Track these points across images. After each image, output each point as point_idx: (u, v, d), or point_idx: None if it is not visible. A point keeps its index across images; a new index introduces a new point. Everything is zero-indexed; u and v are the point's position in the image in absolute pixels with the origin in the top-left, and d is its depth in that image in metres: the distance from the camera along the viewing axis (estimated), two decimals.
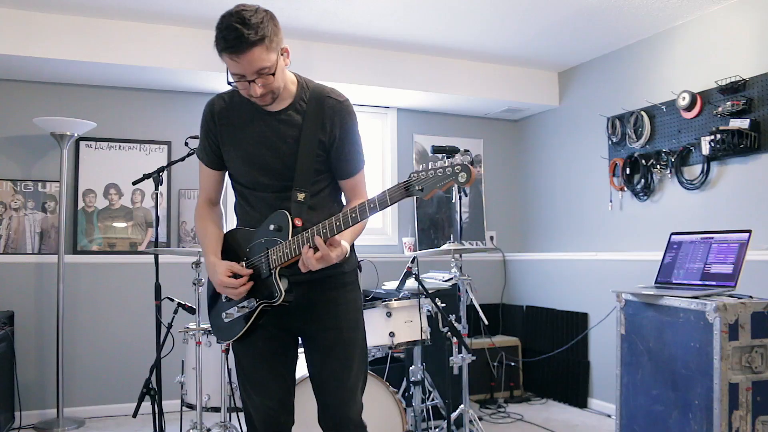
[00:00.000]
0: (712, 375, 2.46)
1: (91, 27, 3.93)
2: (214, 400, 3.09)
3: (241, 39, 1.63)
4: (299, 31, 4.22)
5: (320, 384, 1.92)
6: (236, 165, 1.89)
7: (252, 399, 1.91)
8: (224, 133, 1.88)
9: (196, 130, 2.13)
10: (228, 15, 1.68)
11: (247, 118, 1.86)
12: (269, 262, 1.77)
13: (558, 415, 4.32)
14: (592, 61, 4.76)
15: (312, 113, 1.83)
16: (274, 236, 1.78)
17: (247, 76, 1.70)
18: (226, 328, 1.89)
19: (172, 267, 3.96)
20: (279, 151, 1.83)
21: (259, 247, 1.81)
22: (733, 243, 2.74)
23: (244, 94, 1.76)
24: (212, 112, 1.91)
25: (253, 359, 1.90)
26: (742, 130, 3.40)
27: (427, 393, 3.59)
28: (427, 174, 1.58)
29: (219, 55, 1.72)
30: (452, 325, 3.14)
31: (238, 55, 1.65)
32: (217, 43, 1.69)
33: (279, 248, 1.75)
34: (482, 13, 3.94)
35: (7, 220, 4.21)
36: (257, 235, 1.84)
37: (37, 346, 4.18)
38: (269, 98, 1.77)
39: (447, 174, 1.56)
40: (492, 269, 5.43)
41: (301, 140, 1.81)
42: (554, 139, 5.15)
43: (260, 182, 1.86)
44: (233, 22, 1.64)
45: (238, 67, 1.68)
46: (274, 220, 1.80)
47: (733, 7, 3.65)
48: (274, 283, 1.76)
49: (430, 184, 1.57)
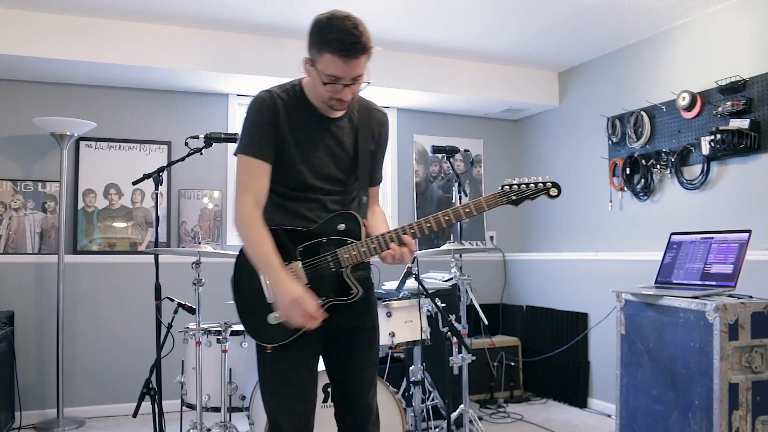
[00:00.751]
0: (712, 375, 2.46)
1: (91, 27, 3.93)
2: (214, 400, 3.09)
3: (357, 44, 1.70)
4: (299, 31, 4.21)
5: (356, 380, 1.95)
6: (289, 165, 1.85)
7: (287, 404, 1.83)
8: (286, 131, 1.85)
9: (196, 130, 2.12)
10: (340, 18, 1.71)
11: (307, 121, 1.87)
12: (340, 261, 1.81)
13: (558, 415, 4.32)
14: (592, 61, 4.76)
15: (364, 124, 1.94)
16: (342, 236, 1.82)
17: (344, 79, 1.74)
18: (272, 329, 1.80)
19: (172, 267, 3.96)
20: (335, 157, 1.88)
21: (320, 246, 1.82)
22: (733, 243, 2.74)
23: (327, 96, 1.79)
24: (277, 105, 1.84)
25: (294, 361, 1.85)
26: (742, 130, 3.40)
27: (427, 393, 3.59)
28: (520, 186, 1.84)
29: (318, 53, 1.74)
30: (452, 325, 3.14)
31: (350, 59, 1.71)
32: (329, 44, 1.70)
33: (352, 247, 1.80)
34: (482, 13, 3.94)
35: (7, 220, 4.21)
36: (313, 234, 1.83)
37: (37, 346, 4.18)
38: (347, 104, 1.83)
39: (539, 188, 1.86)
40: (492, 269, 5.43)
41: (359, 148, 1.91)
42: (554, 139, 5.16)
43: (310, 185, 1.86)
44: (350, 27, 1.69)
45: (342, 69, 1.72)
46: (340, 220, 1.84)
47: (733, 7, 3.65)
48: (348, 280, 1.82)
49: (523, 196, 1.85)
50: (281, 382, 1.85)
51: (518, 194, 1.83)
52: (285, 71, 4.35)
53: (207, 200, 4.66)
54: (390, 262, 1.80)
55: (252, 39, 4.28)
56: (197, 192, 4.64)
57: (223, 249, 4.59)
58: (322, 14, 1.77)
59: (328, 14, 1.75)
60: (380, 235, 1.80)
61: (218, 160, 4.67)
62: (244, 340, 3.15)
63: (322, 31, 1.72)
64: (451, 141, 4.93)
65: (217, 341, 3.04)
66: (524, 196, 1.83)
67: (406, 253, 1.78)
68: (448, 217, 1.78)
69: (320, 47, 1.73)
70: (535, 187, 1.84)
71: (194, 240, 4.56)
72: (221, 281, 4.36)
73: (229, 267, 1.74)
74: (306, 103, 1.86)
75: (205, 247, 3.09)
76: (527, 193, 1.83)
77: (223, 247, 4.63)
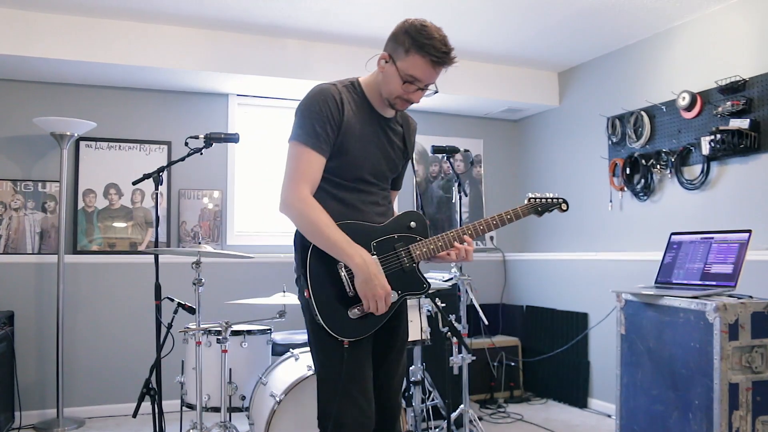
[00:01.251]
0: (712, 375, 2.46)
1: (91, 27, 3.93)
2: (214, 400, 3.09)
3: (448, 56, 1.86)
4: (299, 31, 4.22)
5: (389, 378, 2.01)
6: (349, 159, 1.90)
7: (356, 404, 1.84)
8: (349, 125, 1.89)
9: (196, 130, 2.14)
10: (434, 28, 1.85)
11: (368, 118, 1.95)
12: (413, 257, 1.91)
13: (558, 415, 4.32)
14: (592, 61, 4.76)
15: (406, 128, 2.09)
16: (412, 233, 1.95)
17: (422, 83, 1.87)
18: (353, 324, 1.83)
19: (172, 267, 3.96)
20: (387, 155, 1.99)
21: (392, 242, 1.91)
22: (733, 243, 2.74)
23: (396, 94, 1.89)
24: (340, 100, 1.88)
25: (365, 361, 1.88)
26: (742, 130, 3.40)
27: (427, 393, 3.59)
28: (542, 201, 2.19)
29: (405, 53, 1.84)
30: (452, 325, 3.14)
31: (438, 67, 1.86)
32: (423, 47, 1.82)
33: (423, 244, 1.93)
34: (482, 13, 3.94)
35: (7, 220, 4.21)
36: (383, 230, 1.92)
37: (37, 346, 4.18)
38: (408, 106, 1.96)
39: (556, 202, 2.22)
40: (492, 269, 5.43)
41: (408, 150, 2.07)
42: (554, 139, 5.15)
43: (364, 179, 1.94)
44: (444, 38, 1.85)
45: (427, 74, 1.86)
46: (409, 218, 1.96)
47: (733, 7, 3.65)
48: (419, 275, 1.93)
49: (545, 207, 2.20)
50: (351, 380, 1.84)
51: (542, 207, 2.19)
52: (285, 71, 4.36)
53: (207, 200, 4.66)
54: (454, 259, 1.97)
55: (252, 39, 4.28)
56: (197, 192, 4.64)
57: (223, 249, 4.59)
58: (412, 19, 1.88)
59: (420, 20, 1.86)
60: (444, 234, 1.95)
61: (218, 160, 4.67)
62: (244, 340, 3.15)
63: (419, 34, 1.82)
64: (451, 141, 4.93)
65: (217, 341, 3.04)
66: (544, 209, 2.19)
67: (470, 251, 1.96)
68: (495, 222, 2.03)
69: (411, 48, 1.83)
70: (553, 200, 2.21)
71: (194, 240, 4.56)
72: (221, 281, 4.39)
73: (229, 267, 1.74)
74: (366, 101, 1.95)
75: (205, 247, 3.09)
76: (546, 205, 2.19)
77: (223, 247, 4.63)
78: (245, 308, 3.25)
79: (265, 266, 4.54)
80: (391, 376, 2.01)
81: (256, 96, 4.81)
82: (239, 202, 4.78)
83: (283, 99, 4.84)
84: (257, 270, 4.54)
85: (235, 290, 4.28)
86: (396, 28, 1.90)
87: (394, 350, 2.02)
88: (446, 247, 1.94)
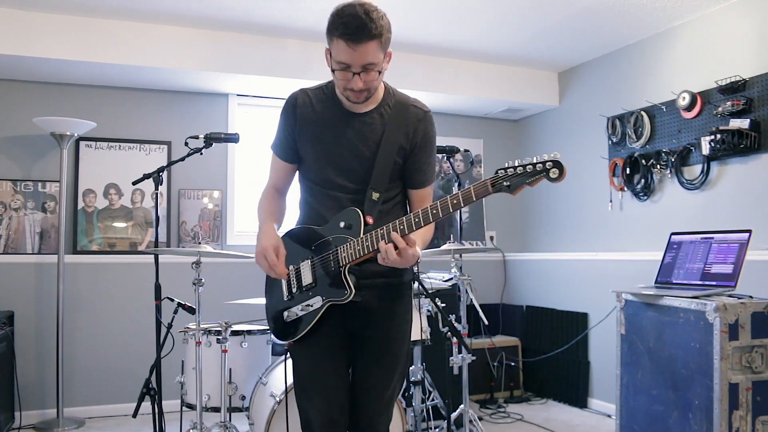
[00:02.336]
0: (712, 375, 2.46)
1: (91, 27, 3.93)
2: (214, 400, 3.09)
3: (363, 29, 1.67)
4: (299, 31, 4.22)
5: (360, 390, 1.90)
6: (311, 162, 1.90)
7: (313, 402, 1.85)
8: (304, 128, 1.89)
9: (196, 130, 2.15)
10: (351, 5, 1.71)
11: (330, 117, 1.88)
12: (338, 260, 1.77)
13: (558, 415, 4.32)
14: (592, 61, 4.75)
15: (395, 119, 1.86)
16: (343, 234, 1.79)
17: (353, 67, 1.72)
18: (287, 326, 1.89)
19: (172, 267, 3.96)
20: (359, 153, 1.85)
21: (327, 245, 1.82)
22: (733, 243, 2.74)
23: (341, 85, 1.78)
24: (294, 105, 1.91)
25: (315, 360, 1.87)
26: (742, 130, 3.40)
27: (427, 393, 3.59)
28: (515, 170, 1.54)
29: (329, 39, 1.75)
30: (452, 325, 3.14)
31: (355, 44, 1.68)
32: (335, 28, 1.71)
33: (349, 245, 1.75)
34: (482, 13, 3.94)
35: (7, 220, 4.21)
36: (324, 232, 1.85)
37: (37, 346, 4.18)
38: (364, 96, 1.79)
39: (537, 170, 1.53)
40: (492, 269, 5.43)
41: (382, 143, 1.84)
42: (554, 139, 5.15)
43: (334, 181, 1.87)
44: (359, 12, 1.68)
45: (350, 56, 1.70)
46: (344, 217, 1.81)
47: (733, 7, 3.65)
48: (343, 280, 1.76)
49: (518, 180, 1.54)
50: (305, 380, 1.88)
51: (510, 180, 1.54)
52: (285, 71, 4.36)
53: (207, 200, 4.66)
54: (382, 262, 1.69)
55: (252, 39, 4.28)
56: (197, 192, 4.64)
57: (223, 249, 4.59)
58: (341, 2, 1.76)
59: (346, 2, 1.74)
60: (373, 232, 1.71)
61: (218, 160, 4.67)
62: (244, 340, 3.15)
63: (335, 17, 1.72)
64: (451, 141, 4.91)
65: (217, 341, 3.04)
66: (518, 183, 1.54)
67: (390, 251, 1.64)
68: (435, 210, 1.63)
69: (331, 33, 1.73)
70: (533, 168, 1.53)
71: (194, 240, 4.56)
72: (221, 281, 4.39)
73: (229, 267, 1.75)
74: (334, 99, 1.88)
75: (205, 247, 3.09)
76: (519, 178, 1.53)
77: (223, 247, 4.62)
78: (245, 308, 3.25)
79: None
80: (362, 388, 1.90)
81: (256, 96, 4.81)
82: (239, 202, 4.78)
83: (283, 99, 4.79)
84: (257, 270, 4.47)
85: (235, 290, 4.27)
86: None
87: (362, 360, 1.89)
88: (372, 247, 1.70)
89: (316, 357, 1.86)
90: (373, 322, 1.88)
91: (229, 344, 3.01)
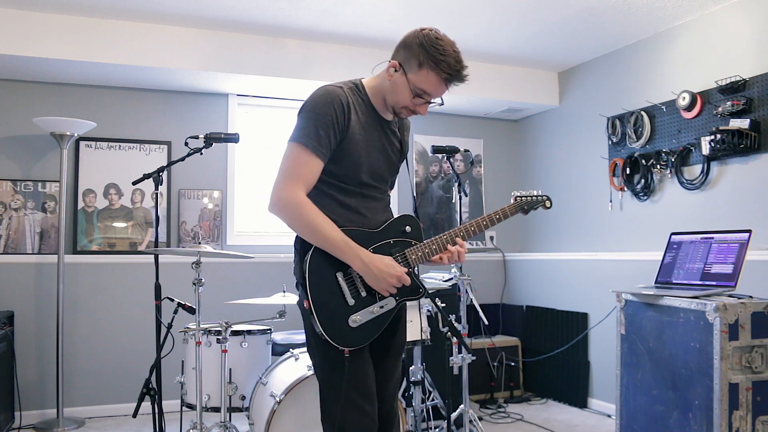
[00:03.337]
0: (712, 375, 2.46)
1: (91, 27, 3.93)
2: (214, 400, 3.09)
3: (462, 73, 1.84)
4: (299, 31, 4.22)
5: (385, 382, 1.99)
6: (349, 162, 1.88)
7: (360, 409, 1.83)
8: (352, 129, 1.87)
9: (196, 130, 2.13)
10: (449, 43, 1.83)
11: (369, 122, 1.94)
12: (409, 262, 1.91)
13: (558, 415, 4.32)
14: (592, 61, 4.76)
15: (401, 128, 2.06)
16: (406, 237, 1.94)
17: (432, 97, 1.88)
18: (354, 333, 1.82)
19: (172, 267, 3.96)
20: (388, 158, 1.99)
21: (389, 248, 1.90)
22: (733, 243, 2.74)
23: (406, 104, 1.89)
24: (347, 104, 1.85)
25: (366, 366, 1.87)
26: (742, 130, 3.40)
27: (427, 393, 3.59)
28: (530, 198, 2.16)
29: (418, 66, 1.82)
30: (452, 325, 3.12)
31: (451, 84, 1.86)
32: (437, 63, 1.80)
33: (418, 248, 1.93)
34: (482, 13, 3.94)
35: (7, 220, 4.21)
36: (381, 235, 1.91)
37: (37, 346, 4.18)
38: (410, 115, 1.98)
39: (540, 200, 2.18)
40: (492, 269, 5.43)
41: (404, 150, 2.06)
42: (554, 139, 5.15)
43: (366, 183, 1.93)
44: (459, 55, 1.83)
45: (438, 89, 1.85)
46: (404, 222, 1.95)
47: (733, 7, 3.65)
48: (415, 280, 1.90)
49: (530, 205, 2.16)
50: (355, 387, 1.83)
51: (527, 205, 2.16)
52: (285, 71, 4.36)
53: (207, 200, 4.66)
54: (446, 262, 1.96)
55: (252, 39, 4.28)
56: (197, 192, 4.64)
57: (223, 249, 4.59)
58: (426, 29, 1.84)
59: (435, 32, 1.83)
60: (438, 237, 1.95)
61: (218, 160, 4.67)
62: (244, 340, 3.15)
63: (433, 49, 1.80)
64: (451, 141, 4.93)
65: (217, 341, 3.04)
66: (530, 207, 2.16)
67: (462, 253, 1.95)
68: (485, 222, 2.02)
69: (424, 62, 1.81)
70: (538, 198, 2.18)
71: (194, 240, 4.56)
72: (221, 281, 4.39)
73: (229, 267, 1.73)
74: (369, 104, 1.94)
75: (205, 247, 3.09)
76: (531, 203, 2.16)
77: (223, 247, 4.62)
78: (245, 308, 3.25)
79: (265, 266, 4.54)
80: (387, 380, 2.00)
81: (256, 96, 4.81)
82: (239, 202, 4.78)
83: (283, 99, 4.84)
84: (257, 270, 4.54)
85: (235, 290, 4.28)
86: (408, 36, 1.85)
87: (390, 354, 2.00)
88: (440, 250, 1.95)
89: (367, 364, 1.88)
90: (397, 317, 1.99)
91: (229, 344, 3.01)
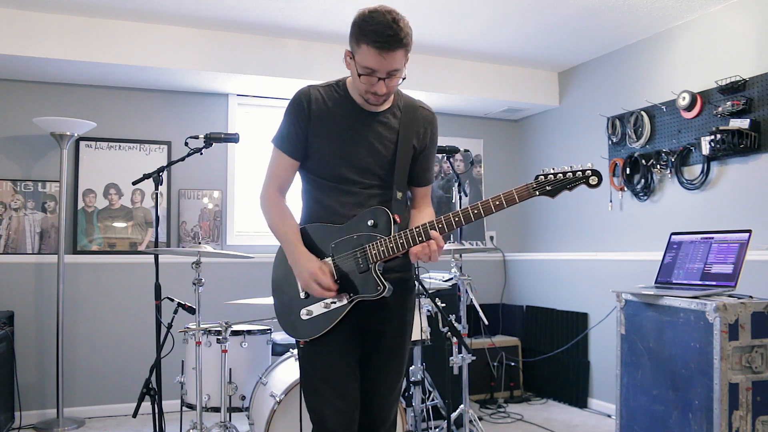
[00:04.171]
0: (712, 375, 2.46)
1: (91, 27, 3.93)
2: (214, 400, 3.09)
3: (394, 38, 1.72)
4: (299, 31, 4.22)
5: (375, 385, 1.93)
6: (324, 158, 1.89)
7: (329, 402, 1.84)
8: (318, 124, 1.88)
9: (196, 130, 2.13)
10: (379, 11, 1.74)
11: (345, 115, 1.89)
12: (368, 257, 1.80)
13: (558, 415, 4.32)
14: (592, 61, 4.76)
15: (408, 120, 1.94)
16: (371, 232, 1.81)
17: (379, 73, 1.76)
18: (304, 325, 1.86)
19: (172, 267, 3.96)
20: (374, 151, 1.89)
21: (350, 243, 1.83)
22: (733, 243, 2.74)
23: (363, 89, 1.82)
24: (308, 101, 1.89)
25: (332, 358, 1.86)
26: (742, 130, 3.40)
27: (427, 393, 3.59)
28: (555, 176, 1.71)
29: (355, 44, 1.78)
30: (452, 325, 3.14)
31: (386, 52, 1.73)
32: (364, 35, 1.74)
33: (380, 243, 1.78)
34: (482, 13, 3.94)
35: (7, 220, 4.21)
36: (345, 230, 1.85)
37: (37, 346, 4.18)
38: (383, 99, 1.86)
39: (578, 177, 1.71)
40: (492, 269, 5.43)
41: (399, 144, 1.91)
42: (554, 139, 5.15)
43: (348, 178, 1.88)
44: (390, 20, 1.72)
45: (378, 62, 1.74)
46: (370, 216, 1.83)
47: (733, 7, 3.65)
48: (375, 277, 1.79)
49: (559, 185, 1.71)
50: (321, 380, 1.86)
51: (554, 184, 1.71)
52: (285, 71, 4.36)
53: (207, 200, 4.66)
54: (417, 259, 1.78)
55: (252, 39, 4.28)
56: (197, 192, 4.64)
57: (223, 249, 4.59)
58: (366, 7, 1.79)
59: (372, 7, 1.77)
60: (407, 230, 1.77)
61: (218, 160, 4.67)
62: (244, 340, 3.15)
63: (363, 23, 1.75)
64: (451, 141, 4.92)
65: (217, 341, 3.04)
66: (561, 187, 1.71)
67: (435, 252, 1.74)
68: (477, 210, 1.72)
69: (359, 39, 1.76)
70: (573, 176, 1.71)
71: (194, 240, 4.56)
72: (221, 281, 4.39)
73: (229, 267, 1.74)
74: (348, 98, 1.90)
75: (205, 247, 3.09)
76: (564, 182, 1.71)
77: (223, 247, 4.62)
78: (245, 308, 3.25)
79: (265, 266, 4.47)
80: (376, 383, 1.93)
81: (256, 96, 4.81)
82: (239, 202, 4.78)
83: (283, 99, 4.83)
84: (257, 270, 4.52)
85: (235, 290, 4.27)
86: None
87: (380, 355, 1.93)
88: (407, 245, 1.75)
89: (332, 355, 1.86)
90: (388, 317, 1.92)
91: (229, 344, 3.02)
